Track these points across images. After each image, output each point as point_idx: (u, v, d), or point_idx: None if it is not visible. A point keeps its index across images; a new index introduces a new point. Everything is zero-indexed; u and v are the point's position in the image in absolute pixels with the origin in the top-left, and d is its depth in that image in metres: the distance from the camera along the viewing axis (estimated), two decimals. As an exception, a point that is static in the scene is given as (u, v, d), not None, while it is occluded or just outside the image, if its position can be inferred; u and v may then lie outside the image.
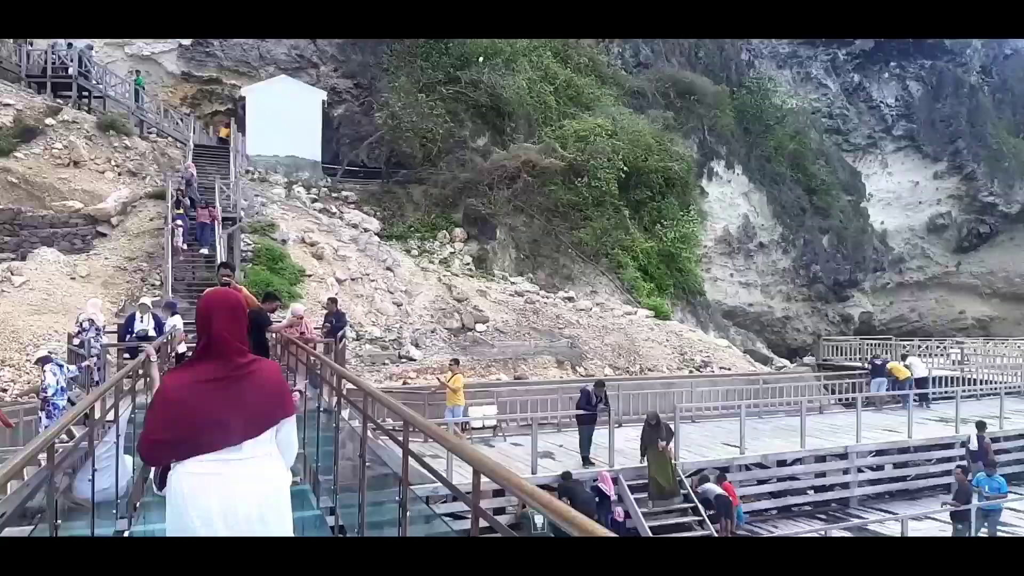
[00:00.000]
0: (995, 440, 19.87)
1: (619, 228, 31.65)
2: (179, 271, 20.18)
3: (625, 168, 31.49)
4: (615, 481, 14.67)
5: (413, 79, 32.21)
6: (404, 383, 20.27)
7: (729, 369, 25.58)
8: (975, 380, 25.82)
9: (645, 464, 14.94)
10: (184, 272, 20.45)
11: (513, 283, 29.13)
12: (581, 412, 15.59)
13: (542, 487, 11.94)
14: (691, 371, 24.66)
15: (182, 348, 11.22)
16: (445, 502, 10.65)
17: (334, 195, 31.26)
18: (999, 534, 14.84)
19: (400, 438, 4.05)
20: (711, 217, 39.01)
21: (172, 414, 3.12)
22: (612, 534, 2.03)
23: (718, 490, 15.21)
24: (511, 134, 33.06)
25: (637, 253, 31.72)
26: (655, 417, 15.18)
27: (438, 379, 18.46)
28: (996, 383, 24.51)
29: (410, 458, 3.94)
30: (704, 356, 26.01)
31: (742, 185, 40.45)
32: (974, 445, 17.61)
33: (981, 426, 17.94)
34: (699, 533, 14.38)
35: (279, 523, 3.17)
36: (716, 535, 14.50)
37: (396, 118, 30.97)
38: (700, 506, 14.64)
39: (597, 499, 14.43)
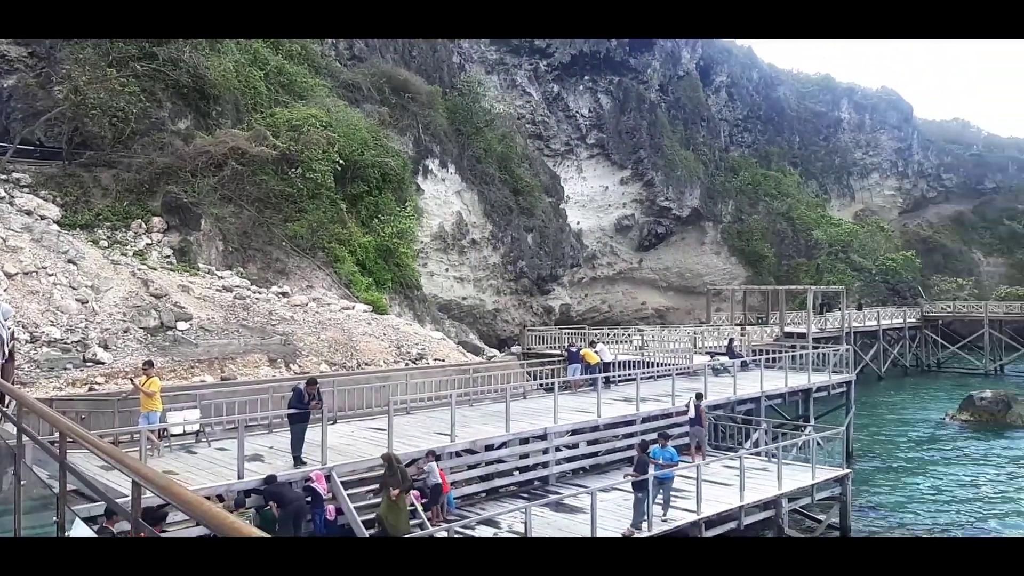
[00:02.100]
0: (667, 416, 22.72)
1: (336, 222, 31.17)
2: None
3: (341, 161, 31.10)
4: (327, 479, 14.46)
5: (101, 51, 28.95)
6: (90, 389, 18.20)
7: (443, 361, 26.38)
8: (653, 363, 29.21)
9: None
10: None
11: (221, 277, 27.40)
12: (293, 411, 15.13)
13: (248, 492, 11.36)
14: (407, 364, 25.05)
15: None
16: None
17: (2, 177, 27.10)
18: (672, 498, 16.95)
19: (57, 451, 3.62)
20: (427, 214, 39.94)
21: None
22: (263, 534, 1.97)
23: (437, 479, 15.63)
24: (217, 118, 31.07)
25: (354, 247, 31.50)
26: (388, 459, 14.45)
27: (132, 382, 16.82)
28: (669, 365, 27.92)
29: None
30: (420, 349, 26.55)
31: (456, 184, 41.91)
32: (692, 413, 20.91)
33: (699, 396, 21.19)
34: (413, 521, 14.67)
35: None
36: (428, 521, 14.90)
37: (80, 93, 27.58)
38: (412, 498, 14.92)
39: (309, 499, 14.11)
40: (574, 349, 27.17)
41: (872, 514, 23.69)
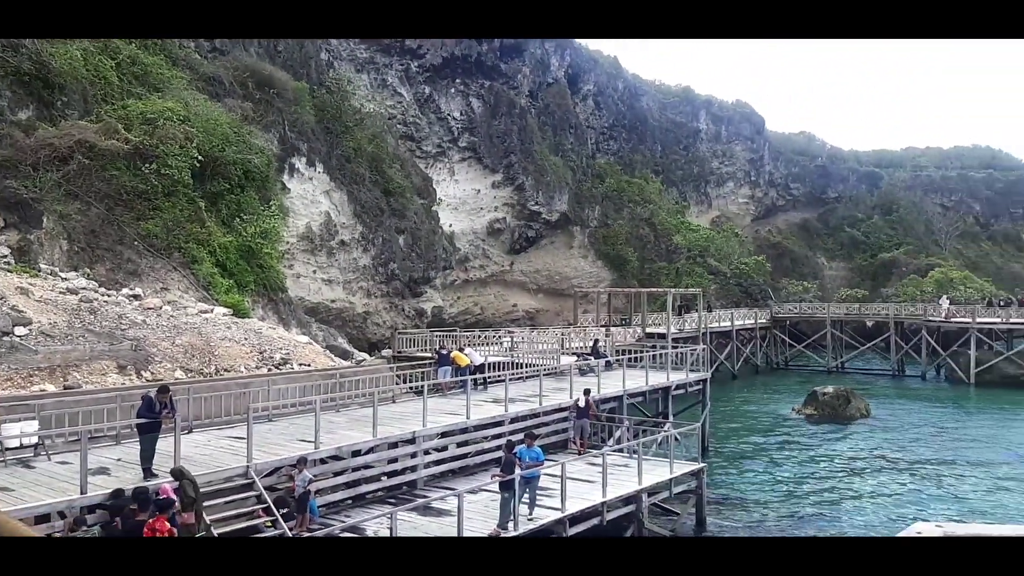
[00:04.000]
0: (535, 416, 23.16)
1: (193, 221, 29.74)
2: None
3: (200, 157, 29.74)
4: (176, 491, 13.75)
5: (-75, 31, 26.38)
6: (-91, 402, 16.54)
7: (309, 365, 25.70)
8: (522, 364, 29.65)
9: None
10: None
11: (65, 279, 25.54)
12: (142, 421, 14.31)
13: (92, 508, 10.70)
14: (270, 369, 24.24)
15: None
16: None
17: None
18: (538, 497, 17.25)
19: None
20: (293, 214, 38.82)
21: None
22: (35, 534, 1.90)
23: (306, 487, 15.20)
24: (63, 109, 29.00)
25: (214, 248, 30.15)
26: (179, 473, 13.26)
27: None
28: (538, 366, 28.42)
29: None
30: (284, 354, 25.75)
31: (324, 183, 40.97)
32: (582, 403, 23.13)
33: (587, 392, 23.24)
34: (272, 533, 14.22)
35: None
36: (291, 532, 14.49)
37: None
38: (273, 506, 14.47)
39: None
40: (444, 352, 27.19)
41: (726, 504, 25.01)
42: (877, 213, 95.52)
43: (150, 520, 11.94)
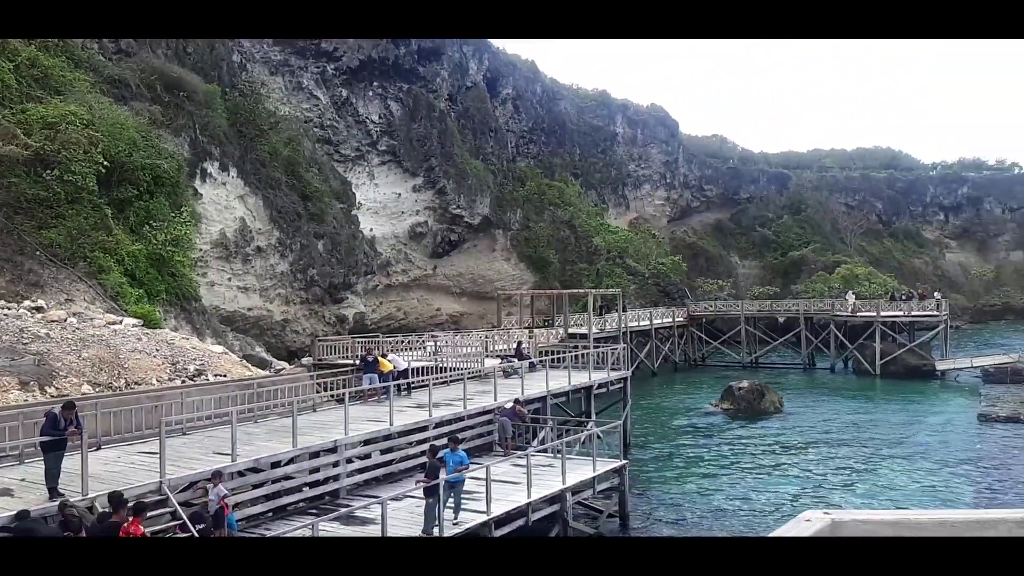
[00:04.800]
0: (460, 419, 23.15)
1: (99, 228, 28.54)
2: None
3: (106, 163, 28.60)
4: (90, 509, 13.23)
5: None
6: None
7: (225, 376, 25.01)
8: (446, 368, 29.59)
9: None
10: None
11: (-42, 292, 24.19)
12: (46, 439, 13.67)
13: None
14: (184, 381, 23.48)
15: None
16: None
17: None
18: (463, 501, 17.24)
19: None
20: (206, 220, 37.69)
21: None
22: None
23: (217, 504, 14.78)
24: (-47, 113, 27.44)
25: (122, 256, 29.00)
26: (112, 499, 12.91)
27: None
28: (462, 369, 28.41)
29: None
30: (199, 364, 24.98)
31: (238, 188, 39.93)
32: (509, 406, 24.02)
33: (517, 401, 24.31)
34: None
35: None
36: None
37: None
38: (188, 522, 14.03)
39: (68, 532, 12.82)
40: (370, 358, 26.82)
41: (647, 500, 25.54)
42: (786, 213, 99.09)
43: (125, 525, 12.02)
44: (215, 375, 24.56)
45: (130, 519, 12.10)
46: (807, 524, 2.79)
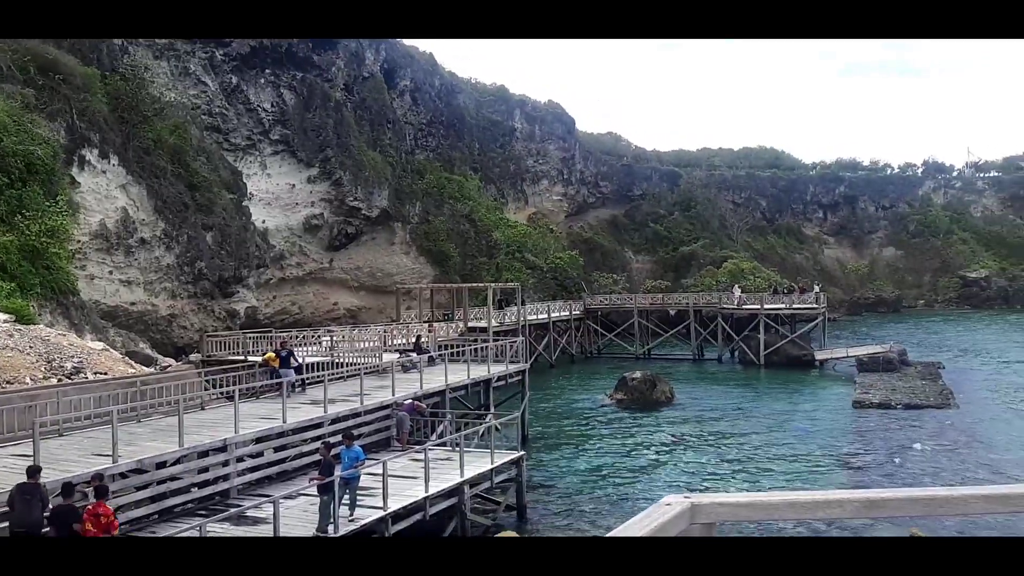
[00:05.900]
0: (356, 415, 22.82)
1: (-37, 218, 26.61)
2: None
3: (-30, 148, 26.64)
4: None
5: None
6: None
7: (106, 374, 23.78)
8: (343, 363, 29.09)
9: None
10: None
11: None
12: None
13: None
14: (60, 379, 22.17)
15: None
16: None
17: None
18: (359, 497, 17.02)
19: None
20: (85, 210, 35.67)
21: None
22: None
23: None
24: None
25: (-10, 248, 27.13)
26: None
27: None
28: (359, 364, 28.01)
29: None
30: (77, 362, 23.63)
31: (119, 177, 37.94)
32: (408, 403, 23.80)
33: (418, 397, 23.61)
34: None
35: None
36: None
37: None
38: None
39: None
40: (284, 353, 25.64)
41: (544, 491, 25.93)
42: (677, 210, 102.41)
43: (89, 507, 12.27)
44: (95, 373, 23.32)
45: (94, 501, 12.29)
46: (667, 508, 2.92)
